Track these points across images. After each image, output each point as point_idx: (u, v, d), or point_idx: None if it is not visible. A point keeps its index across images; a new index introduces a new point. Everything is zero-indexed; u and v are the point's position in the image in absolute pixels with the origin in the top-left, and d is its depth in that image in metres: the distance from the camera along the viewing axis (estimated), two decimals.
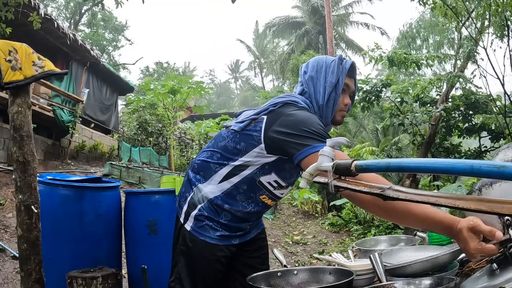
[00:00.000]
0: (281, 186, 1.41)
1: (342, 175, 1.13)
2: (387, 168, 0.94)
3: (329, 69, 1.38)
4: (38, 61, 2.19)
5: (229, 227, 1.44)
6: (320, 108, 1.38)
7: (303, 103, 1.39)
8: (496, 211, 0.73)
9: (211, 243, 1.41)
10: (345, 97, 1.43)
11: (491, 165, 0.71)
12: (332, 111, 1.39)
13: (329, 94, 1.37)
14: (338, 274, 1.22)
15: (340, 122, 1.46)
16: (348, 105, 1.44)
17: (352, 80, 1.44)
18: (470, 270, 1.27)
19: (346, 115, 1.49)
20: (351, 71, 1.42)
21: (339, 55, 1.46)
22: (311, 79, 1.41)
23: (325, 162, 1.21)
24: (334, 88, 1.37)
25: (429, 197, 0.85)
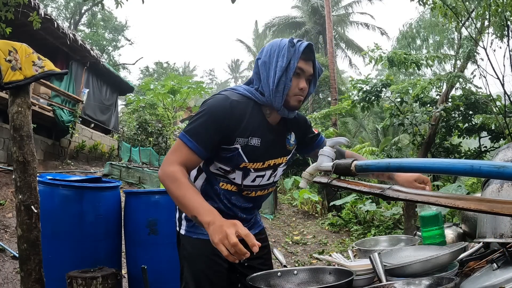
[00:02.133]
0: (227, 171, 1.40)
1: (342, 175, 1.13)
2: (387, 168, 0.94)
3: (280, 53, 1.33)
4: (38, 61, 2.19)
5: None
6: (271, 92, 1.34)
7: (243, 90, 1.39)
8: (496, 211, 0.73)
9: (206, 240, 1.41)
10: (300, 81, 1.36)
11: (491, 165, 0.71)
12: (283, 95, 1.34)
13: (279, 78, 1.32)
14: (338, 274, 1.22)
15: (295, 107, 1.39)
16: (305, 89, 1.37)
17: (309, 63, 1.37)
18: (470, 270, 1.27)
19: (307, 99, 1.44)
20: (307, 54, 1.35)
21: (291, 37, 1.38)
22: (264, 64, 1.37)
23: (325, 162, 1.21)
24: (285, 71, 1.32)
25: (429, 197, 0.85)
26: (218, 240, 1.05)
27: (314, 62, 1.39)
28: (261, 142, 1.39)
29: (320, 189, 10.39)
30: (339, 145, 1.34)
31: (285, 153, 1.51)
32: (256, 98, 1.38)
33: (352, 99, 8.95)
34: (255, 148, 1.38)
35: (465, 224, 1.66)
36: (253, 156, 1.39)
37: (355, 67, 28.80)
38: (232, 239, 1.02)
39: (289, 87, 1.33)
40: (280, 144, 1.48)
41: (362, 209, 7.85)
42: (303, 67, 1.35)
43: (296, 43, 1.34)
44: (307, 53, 1.35)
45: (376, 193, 0.98)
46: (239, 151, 1.36)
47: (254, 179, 1.45)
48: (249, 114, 1.36)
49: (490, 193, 1.22)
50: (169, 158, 1.29)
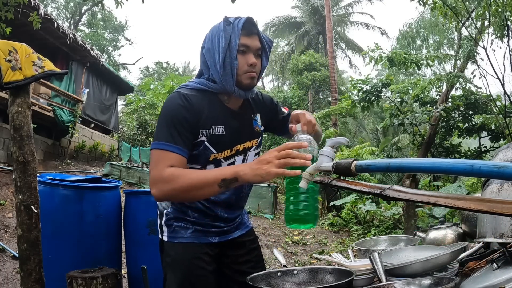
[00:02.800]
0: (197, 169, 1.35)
1: (342, 175, 1.13)
2: (387, 168, 0.94)
3: (219, 34, 1.30)
4: (38, 61, 2.19)
5: (199, 223, 1.41)
6: (221, 76, 1.30)
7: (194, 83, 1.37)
8: (496, 211, 0.73)
9: (186, 243, 1.39)
10: (248, 58, 1.31)
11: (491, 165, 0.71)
12: (233, 76, 1.30)
13: (223, 60, 1.28)
14: (338, 274, 1.22)
15: (250, 85, 1.34)
16: (255, 64, 1.32)
17: (253, 37, 1.32)
18: (470, 270, 1.27)
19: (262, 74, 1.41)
20: (248, 29, 1.30)
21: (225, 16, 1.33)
22: (208, 51, 1.34)
23: (325, 162, 1.21)
24: (228, 51, 1.28)
25: (429, 197, 0.85)
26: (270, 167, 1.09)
27: (260, 35, 1.34)
28: (226, 129, 1.35)
29: (320, 189, 10.37)
30: (339, 145, 1.33)
31: (254, 135, 1.46)
32: (209, 87, 1.35)
33: (352, 99, 8.95)
34: (220, 137, 1.34)
35: (465, 224, 1.66)
36: (220, 145, 1.35)
37: (355, 67, 28.80)
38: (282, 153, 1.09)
39: (236, 66, 1.29)
40: (247, 128, 1.44)
41: (362, 209, 7.84)
42: (247, 43, 1.31)
43: (234, 21, 1.30)
44: (248, 27, 1.31)
45: (376, 193, 0.98)
46: (205, 143, 1.33)
47: None
48: (206, 104, 1.33)
49: (490, 193, 1.22)
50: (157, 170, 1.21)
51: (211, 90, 1.35)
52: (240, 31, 1.28)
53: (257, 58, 1.34)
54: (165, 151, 1.23)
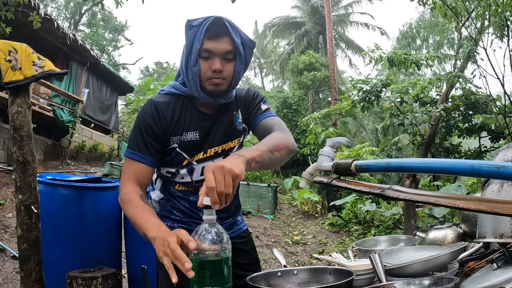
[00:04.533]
0: (173, 173, 1.36)
1: (342, 175, 1.13)
2: (387, 168, 0.94)
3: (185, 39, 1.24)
4: (38, 61, 2.19)
5: (184, 222, 1.41)
6: (188, 81, 1.27)
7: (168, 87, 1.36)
8: (496, 211, 0.73)
9: None
10: (212, 63, 1.22)
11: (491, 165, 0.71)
12: (195, 82, 1.25)
13: (186, 65, 1.25)
14: (338, 274, 1.22)
15: (215, 92, 1.26)
16: (219, 70, 1.22)
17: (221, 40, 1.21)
18: (470, 270, 1.27)
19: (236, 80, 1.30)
20: (212, 32, 1.20)
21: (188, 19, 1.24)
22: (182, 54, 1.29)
23: (325, 162, 1.21)
24: (189, 56, 1.23)
25: (429, 197, 0.85)
26: (162, 253, 0.92)
27: (232, 36, 1.22)
28: (200, 135, 1.32)
29: (320, 189, 10.39)
30: (339, 145, 1.33)
31: (235, 135, 1.40)
32: (182, 91, 1.32)
33: (352, 99, 8.95)
34: (192, 142, 1.32)
35: (465, 224, 1.66)
36: (192, 150, 1.33)
37: (355, 67, 28.81)
38: (172, 246, 0.89)
39: (196, 72, 1.23)
40: (227, 128, 1.38)
41: (362, 209, 7.85)
42: (210, 47, 1.21)
43: (201, 23, 1.21)
44: (214, 29, 1.20)
45: (376, 193, 0.98)
46: (177, 150, 1.31)
47: (201, 172, 1.35)
48: (177, 110, 1.31)
49: (490, 193, 1.22)
50: (122, 179, 1.25)
51: (184, 94, 1.33)
52: (203, 34, 1.20)
53: (227, 63, 1.25)
54: (131, 160, 1.25)
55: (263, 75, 35.43)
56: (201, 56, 1.23)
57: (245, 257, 1.51)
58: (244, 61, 1.29)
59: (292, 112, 13.92)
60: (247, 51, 1.28)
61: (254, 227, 7.00)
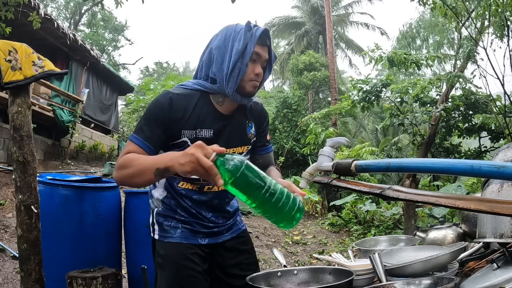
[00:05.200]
0: None
1: (342, 175, 1.13)
2: (387, 168, 0.94)
3: (236, 37, 1.30)
4: (38, 61, 2.19)
5: (188, 221, 1.42)
6: (225, 77, 1.30)
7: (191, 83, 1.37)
8: (496, 211, 0.73)
9: (176, 243, 1.39)
10: (256, 67, 1.32)
11: (491, 165, 0.71)
12: (237, 80, 1.30)
13: (234, 63, 1.28)
14: (338, 274, 1.22)
15: (251, 93, 1.35)
16: (260, 75, 1.34)
17: (265, 48, 1.34)
18: (470, 270, 1.27)
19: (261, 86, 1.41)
20: (263, 39, 1.32)
21: (248, 21, 1.33)
22: (218, 49, 1.32)
23: (325, 162, 1.21)
24: (241, 56, 1.28)
25: (429, 197, 0.85)
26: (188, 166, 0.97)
27: (270, 48, 1.36)
28: (214, 133, 1.35)
29: (320, 189, 10.39)
30: (339, 145, 1.33)
31: (246, 141, 1.46)
32: (205, 87, 1.35)
33: (352, 99, 8.95)
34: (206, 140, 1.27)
35: (465, 224, 1.66)
36: None
37: (355, 67, 28.77)
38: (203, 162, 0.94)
39: (244, 72, 1.30)
40: (239, 133, 1.43)
41: (362, 209, 7.84)
42: (260, 52, 1.32)
43: (253, 28, 1.31)
44: (264, 38, 1.32)
45: (376, 193, 0.98)
46: (188, 144, 1.31)
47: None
48: (197, 105, 1.34)
49: (490, 193, 1.22)
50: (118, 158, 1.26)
51: (207, 91, 1.36)
52: (256, 40, 1.29)
53: (263, 69, 1.35)
54: (131, 142, 1.27)
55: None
56: (251, 58, 1.31)
57: (244, 256, 1.52)
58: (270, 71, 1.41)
59: (292, 112, 13.91)
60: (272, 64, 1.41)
61: (254, 227, 6.99)
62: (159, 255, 1.41)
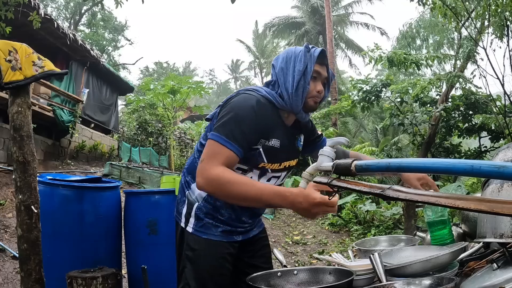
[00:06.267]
0: (245, 170, 1.41)
1: (342, 175, 1.13)
2: (387, 168, 0.94)
3: (297, 58, 1.40)
4: (38, 61, 2.19)
5: (229, 222, 1.46)
6: (290, 96, 1.39)
7: (265, 92, 1.42)
8: (496, 211, 0.73)
9: (216, 240, 1.43)
10: (317, 84, 1.43)
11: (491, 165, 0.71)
12: (302, 98, 1.40)
13: (297, 82, 1.38)
14: (338, 274, 1.22)
15: (313, 108, 1.46)
16: (321, 92, 1.44)
17: (323, 67, 1.44)
18: (470, 270, 1.27)
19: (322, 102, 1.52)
20: (321, 58, 1.42)
21: (306, 43, 1.48)
22: (281, 70, 1.42)
23: (325, 162, 1.21)
24: (303, 75, 1.38)
25: (429, 197, 0.85)
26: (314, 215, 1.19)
27: (327, 66, 1.46)
28: (280, 144, 1.42)
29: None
30: (339, 145, 1.34)
31: (297, 154, 1.56)
32: (276, 101, 1.42)
33: (352, 99, 8.95)
34: (274, 149, 1.41)
35: (465, 224, 1.66)
36: (272, 157, 1.42)
37: (355, 67, 28.82)
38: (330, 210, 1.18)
39: (307, 90, 1.39)
40: (294, 146, 1.53)
41: (362, 209, 7.84)
42: (319, 71, 1.42)
43: (311, 49, 1.41)
44: (321, 57, 1.42)
45: (376, 193, 0.98)
46: (260, 150, 1.38)
47: (269, 179, 1.47)
48: (272, 115, 1.40)
49: (490, 193, 1.22)
50: (207, 164, 1.27)
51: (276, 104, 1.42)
52: (315, 59, 1.39)
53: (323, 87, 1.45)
54: (222, 146, 1.28)
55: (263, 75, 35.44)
56: (312, 76, 1.41)
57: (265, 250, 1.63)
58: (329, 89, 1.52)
59: None
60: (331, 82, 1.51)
61: None
62: (190, 248, 1.43)
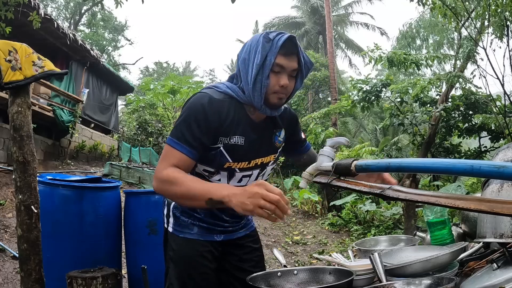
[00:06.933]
0: (212, 172, 1.35)
1: (342, 175, 1.13)
2: (387, 168, 0.94)
3: (257, 49, 1.24)
4: (38, 61, 2.19)
5: (206, 220, 1.42)
6: (250, 91, 1.27)
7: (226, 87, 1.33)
8: (496, 211, 0.73)
9: (191, 239, 1.40)
10: (281, 78, 1.25)
11: (491, 165, 0.71)
12: (261, 94, 1.26)
13: (255, 76, 1.24)
14: (338, 274, 1.22)
15: (276, 105, 1.30)
16: (286, 86, 1.26)
17: (291, 57, 1.26)
18: (470, 270, 1.27)
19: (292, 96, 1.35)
20: (287, 48, 1.24)
21: (266, 31, 1.27)
22: (243, 62, 1.29)
23: (325, 162, 1.21)
24: (261, 69, 1.23)
25: (429, 197, 0.85)
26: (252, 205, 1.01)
27: (299, 56, 1.28)
28: (245, 141, 1.33)
29: (320, 189, 10.39)
30: (339, 145, 1.33)
31: (273, 150, 1.44)
32: (238, 96, 1.32)
33: (352, 99, 8.95)
34: (238, 147, 1.32)
35: (465, 224, 1.66)
36: (237, 155, 1.33)
37: (355, 67, 28.83)
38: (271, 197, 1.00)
39: (266, 85, 1.25)
40: (268, 142, 1.41)
41: (362, 209, 7.84)
42: (283, 63, 1.25)
43: (275, 37, 1.24)
44: (288, 47, 1.25)
45: (376, 193, 0.98)
46: (221, 149, 1.30)
47: (240, 179, 1.39)
48: (231, 112, 1.30)
49: (490, 193, 1.22)
50: (160, 166, 1.23)
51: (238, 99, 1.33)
52: (278, 50, 1.23)
53: (291, 79, 1.29)
54: (172, 148, 1.23)
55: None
56: (273, 70, 1.25)
57: (254, 254, 1.56)
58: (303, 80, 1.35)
59: None
60: (306, 71, 1.33)
61: None
62: (171, 249, 1.42)
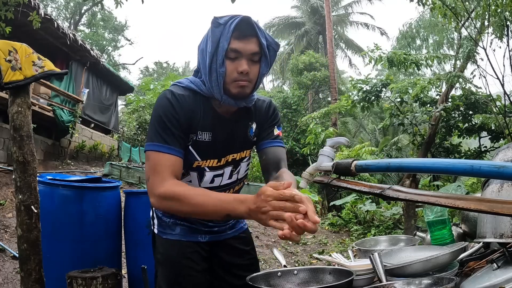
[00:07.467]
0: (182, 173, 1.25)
1: (342, 175, 1.13)
2: (387, 168, 0.94)
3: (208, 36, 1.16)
4: (38, 61, 2.19)
5: (189, 220, 1.38)
6: (208, 82, 1.19)
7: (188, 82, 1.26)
8: (496, 211, 0.73)
9: (174, 240, 1.37)
10: (239, 64, 1.15)
11: (491, 165, 0.71)
12: (219, 84, 1.16)
13: (209, 65, 1.16)
14: (338, 274, 1.22)
15: (240, 95, 1.19)
16: (246, 71, 1.15)
17: (249, 40, 1.15)
18: (470, 270, 1.27)
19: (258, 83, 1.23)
20: (242, 31, 1.14)
21: (215, 16, 1.16)
22: (201, 53, 1.21)
23: (325, 162, 1.21)
24: (214, 56, 1.15)
25: (429, 197, 0.85)
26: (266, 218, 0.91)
27: (259, 37, 1.16)
28: (212, 137, 1.25)
29: (320, 189, 10.39)
30: (339, 145, 1.33)
31: (248, 145, 1.36)
32: (201, 90, 1.23)
33: (352, 99, 8.95)
34: (205, 144, 1.24)
35: (465, 224, 1.66)
36: (204, 152, 1.26)
37: (355, 67, 28.82)
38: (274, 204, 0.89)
39: (222, 73, 1.15)
40: (240, 137, 1.32)
41: (362, 209, 7.84)
42: (238, 47, 1.14)
43: (227, 22, 1.14)
44: (243, 29, 1.14)
45: (376, 193, 0.98)
46: (189, 148, 1.24)
47: (212, 179, 1.32)
48: (196, 106, 1.23)
49: (490, 193, 1.22)
50: (154, 180, 1.13)
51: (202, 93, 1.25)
52: (231, 34, 1.13)
53: (253, 64, 1.18)
54: (160, 153, 1.15)
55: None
56: (228, 56, 1.15)
57: (245, 257, 1.50)
58: (269, 64, 1.23)
59: (292, 112, 13.93)
60: (272, 53, 1.22)
61: (254, 227, 6.99)
62: (158, 252, 1.39)
